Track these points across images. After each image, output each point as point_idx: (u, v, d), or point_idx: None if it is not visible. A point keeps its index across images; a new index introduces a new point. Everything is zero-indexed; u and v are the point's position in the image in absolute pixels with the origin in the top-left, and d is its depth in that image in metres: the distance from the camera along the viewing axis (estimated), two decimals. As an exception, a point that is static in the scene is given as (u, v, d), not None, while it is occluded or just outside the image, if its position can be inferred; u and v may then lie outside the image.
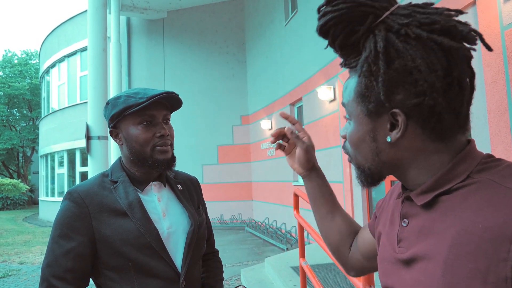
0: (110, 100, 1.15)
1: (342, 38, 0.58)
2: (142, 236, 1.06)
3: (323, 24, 0.59)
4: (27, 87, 22.52)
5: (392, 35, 0.54)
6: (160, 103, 1.13)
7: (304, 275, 3.04)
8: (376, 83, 0.55)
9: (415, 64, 0.52)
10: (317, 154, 4.75)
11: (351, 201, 5.45)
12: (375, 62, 0.54)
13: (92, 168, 4.30)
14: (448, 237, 0.51)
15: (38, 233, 10.52)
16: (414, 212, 0.59)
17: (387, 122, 0.57)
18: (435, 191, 0.55)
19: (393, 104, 0.55)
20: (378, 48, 0.53)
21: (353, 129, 0.62)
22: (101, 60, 4.48)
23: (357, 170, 0.65)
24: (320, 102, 6.50)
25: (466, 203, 0.51)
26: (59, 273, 1.02)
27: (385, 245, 0.66)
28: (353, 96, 0.60)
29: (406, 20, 0.53)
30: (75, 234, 1.04)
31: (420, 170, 0.58)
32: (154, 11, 11.06)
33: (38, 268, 6.39)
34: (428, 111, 0.53)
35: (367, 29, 0.55)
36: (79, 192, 1.08)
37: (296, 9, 7.71)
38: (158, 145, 1.12)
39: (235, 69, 11.44)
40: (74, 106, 13.10)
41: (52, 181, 14.69)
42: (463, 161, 0.55)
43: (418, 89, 0.52)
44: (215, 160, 11.08)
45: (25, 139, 22.62)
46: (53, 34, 14.60)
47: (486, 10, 3.09)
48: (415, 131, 0.55)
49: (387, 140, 0.57)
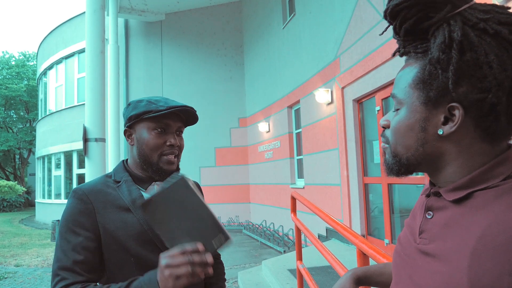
0: (133, 101, 1.21)
1: (413, 22, 0.57)
2: (145, 232, 1.08)
3: (398, 3, 0.58)
4: (24, 88, 22.45)
5: (468, 28, 0.53)
6: (178, 115, 1.19)
7: (301, 277, 3.04)
8: (442, 72, 0.54)
9: (488, 59, 0.52)
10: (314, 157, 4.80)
11: (348, 204, 5.46)
12: (446, 51, 0.53)
13: (90, 170, 4.29)
14: (478, 229, 0.51)
15: (35, 236, 10.46)
16: (440, 205, 0.59)
17: (442, 114, 0.56)
18: (468, 189, 0.55)
19: (454, 97, 0.54)
20: (455, 36, 0.53)
21: (403, 116, 0.60)
22: (99, 62, 4.47)
23: (392, 159, 0.63)
24: (317, 105, 6.51)
25: (500, 200, 0.51)
26: (67, 265, 1.03)
27: (405, 236, 0.66)
28: (410, 83, 0.59)
29: (485, 16, 0.53)
30: (81, 229, 1.06)
31: (459, 168, 0.57)
32: (152, 14, 11.06)
33: (35, 271, 6.36)
34: (488, 109, 0.53)
35: (442, 17, 0.55)
36: (83, 189, 1.12)
37: (294, 12, 7.74)
38: (165, 153, 1.16)
39: (233, 72, 11.46)
40: (71, 108, 13.07)
41: (49, 183, 14.63)
42: (502, 164, 0.54)
43: (484, 85, 0.52)
44: (212, 162, 11.07)
45: (22, 140, 22.52)
46: (50, 36, 14.58)
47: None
48: (467, 128, 0.55)
49: (438, 132, 0.57)
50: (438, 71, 0.55)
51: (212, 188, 10.80)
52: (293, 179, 8.04)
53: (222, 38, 11.53)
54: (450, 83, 0.53)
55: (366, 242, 1.67)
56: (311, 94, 6.75)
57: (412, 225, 0.65)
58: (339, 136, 5.74)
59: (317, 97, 6.18)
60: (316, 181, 6.66)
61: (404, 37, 0.60)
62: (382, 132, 0.67)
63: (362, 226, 5.25)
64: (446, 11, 0.54)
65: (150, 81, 11.14)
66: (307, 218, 5.45)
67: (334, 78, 5.91)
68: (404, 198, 4.63)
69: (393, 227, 4.70)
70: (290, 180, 8.03)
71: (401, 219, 4.60)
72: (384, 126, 0.66)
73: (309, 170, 6.95)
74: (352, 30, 5.41)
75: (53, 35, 14.37)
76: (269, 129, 9.29)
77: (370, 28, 4.93)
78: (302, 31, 7.33)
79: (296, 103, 7.82)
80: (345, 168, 5.56)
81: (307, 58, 7.05)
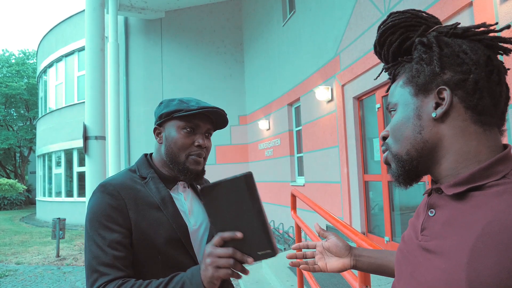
0: (165, 100, 1.22)
1: (398, 44, 0.69)
2: (173, 231, 1.09)
3: (382, 33, 0.70)
4: (25, 86, 22.44)
5: (442, 36, 0.64)
6: (208, 117, 1.20)
7: (301, 275, 3.05)
8: (427, 65, 0.62)
9: (461, 48, 0.61)
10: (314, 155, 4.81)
11: (349, 201, 5.46)
12: (427, 51, 0.63)
13: (90, 168, 4.30)
14: (478, 227, 0.52)
15: (35, 233, 10.49)
16: (442, 203, 0.61)
17: (433, 100, 0.62)
18: (469, 185, 0.57)
19: (440, 82, 0.61)
20: (432, 39, 0.63)
21: (399, 113, 0.67)
22: (98, 60, 4.47)
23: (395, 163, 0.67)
24: (317, 103, 6.51)
25: (500, 198, 0.52)
26: (107, 261, 1.00)
27: (409, 234, 0.68)
28: (400, 84, 0.68)
29: (453, 26, 0.65)
30: (116, 225, 1.04)
31: (458, 156, 0.60)
32: (152, 11, 11.04)
33: (35, 269, 6.37)
34: (472, 87, 0.59)
35: (420, 34, 0.66)
36: (113, 185, 1.09)
37: (294, 10, 7.72)
38: (193, 154, 1.16)
39: (233, 69, 11.45)
40: (71, 106, 13.06)
41: (50, 181, 14.65)
42: (502, 162, 0.57)
43: (463, 68, 0.60)
44: (213, 160, 11.08)
45: (22, 139, 22.54)
46: (50, 34, 14.56)
47: (482, 11, 3.10)
48: (458, 109, 0.60)
49: (432, 116, 0.62)
50: (424, 66, 0.63)
51: (213, 186, 10.80)
52: (293, 177, 8.05)
53: (222, 36, 11.51)
54: (436, 68, 0.61)
55: (366, 239, 1.67)
56: (311, 92, 6.75)
57: (415, 223, 0.67)
58: (339, 133, 5.74)
59: (317, 94, 6.18)
60: (316, 179, 6.67)
61: (393, 61, 0.71)
62: (383, 143, 0.71)
63: (362, 223, 5.26)
64: (422, 29, 0.67)
65: (150, 79, 11.13)
66: (307, 216, 5.45)
67: (334, 76, 5.91)
68: (405, 196, 4.63)
69: (393, 225, 4.70)
70: (290, 178, 8.03)
71: (401, 217, 4.61)
72: (384, 136, 0.70)
73: (309, 168, 6.95)
74: (352, 28, 5.39)
75: (53, 33, 14.35)
76: (269, 127, 9.29)
77: (370, 26, 4.92)
78: (302, 28, 7.32)
79: (296, 101, 7.82)
80: (345, 166, 5.56)
81: (307, 55, 7.04)
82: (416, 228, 0.65)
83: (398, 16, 0.69)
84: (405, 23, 0.68)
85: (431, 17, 0.68)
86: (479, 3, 3.14)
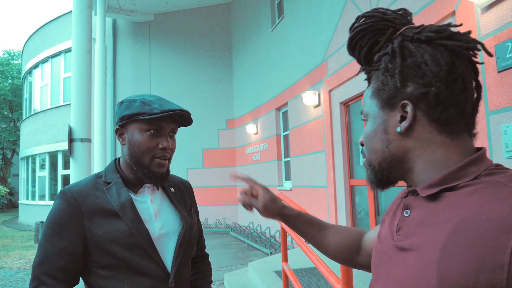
0: (126, 100, 1.17)
1: (367, 49, 0.69)
2: (133, 236, 1.08)
3: (352, 37, 0.71)
4: (9, 87, 22.01)
5: (407, 41, 0.64)
6: (172, 117, 1.16)
7: (286, 279, 3.05)
8: (391, 77, 0.63)
9: (423, 59, 0.61)
10: (302, 159, 4.85)
11: (335, 206, 5.50)
12: (392, 61, 0.63)
13: (75, 171, 4.24)
14: (450, 226, 0.53)
15: (17, 237, 10.27)
16: (417, 203, 0.62)
17: (398, 114, 0.63)
18: (442, 186, 0.58)
19: (404, 96, 0.62)
20: (396, 48, 0.63)
21: (369, 125, 0.69)
22: (85, 62, 4.43)
23: (370, 171, 0.70)
24: (305, 107, 6.56)
25: (471, 197, 0.54)
26: (51, 271, 1.02)
27: (385, 234, 0.69)
28: (370, 95, 0.69)
29: (418, 30, 0.65)
30: (67, 233, 1.05)
31: (427, 164, 0.61)
32: (141, 14, 10.99)
33: (17, 273, 6.24)
34: (434, 100, 0.60)
35: (387, 39, 0.67)
36: (72, 192, 1.09)
37: (283, 15, 7.78)
38: (157, 156, 1.14)
39: (221, 73, 11.45)
40: (57, 108, 12.88)
41: (33, 184, 14.37)
42: (474, 164, 0.58)
43: (425, 81, 0.60)
44: (200, 164, 11.04)
45: (6, 140, 22.06)
46: (36, 34, 14.36)
47: (464, 21, 3.19)
48: (423, 122, 0.61)
49: (397, 130, 0.63)
50: (388, 78, 0.64)
51: (200, 189, 10.76)
52: (281, 181, 8.07)
53: (211, 40, 11.52)
54: (397, 83, 0.62)
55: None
56: (298, 97, 6.80)
57: (391, 223, 0.68)
58: (326, 138, 5.79)
59: (305, 99, 6.22)
60: (303, 183, 6.70)
61: (366, 64, 0.71)
62: (362, 149, 0.73)
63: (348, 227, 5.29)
64: (389, 33, 0.67)
65: (138, 81, 11.05)
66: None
67: (322, 81, 5.97)
68: (390, 200, 4.69)
69: (378, 229, 4.75)
70: (277, 182, 8.05)
71: (386, 221, 4.66)
72: (361, 143, 0.73)
73: (297, 172, 6.98)
74: (339, 34, 5.47)
75: (39, 34, 14.15)
76: (257, 131, 9.31)
77: (357, 32, 4.98)
78: (290, 34, 7.38)
79: (284, 105, 7.86)
80: (331, 170, 5.61)
81: (295, 60, 7.09)
82: (392, 228, 0.67)
83: (365, 20, 0.69)
84: (373, 27, 0.68)
85: (399, 17, 0.68)
86: (462, 12, 3.23)
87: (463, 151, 0.61)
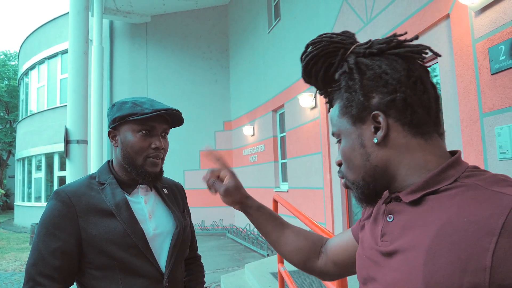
0: (117, 103, 1.19)
1: (323, 72, 0.71)
2: (128, 236, 1.08)
3: (306, 65, 0.72)
4: (5, 88, 21.94)
5: (360, 57, 0.66)
6: (163, 117, 1.18)
7: (282, 280, 3.06)
8: (355, 93, 0.65)
9: (382, 69, 0.63)
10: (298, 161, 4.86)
11: (331, 207, 5.52)
12: (352, 78, 0.65)
13: (71, 173, 4.23)
14: (433, 229, 0.54)
15: (13, 239, 10.21)
16: (400, 209, 0.63)
17: (371, 126, 0.64)
18: (424, 190, 0.59)
19: (372, 107, 0.63)
20: (352, 65, 0.65)
21: (344, 143, 0.69)
22: (82, 63, 4.43)
23: (355, 189, 0.69)
24: (301, 109, 6.58)
25: (453, 200, 0.55)
26: (46, 271, 1.02)
27: (367, 240, 0.70)
28: (338, 114, 0.70)
29: (368, 45, 0.68)
30: (62, 233, 1.05)
31: (408, 170, 0.63)
32: (138, 15, 10.99)
33: (12, 275, 6.21)
34: (402, 105, 0.62)
35: (340, 59, 0.69)
36: (66, 192, 1.09)
37: (280, 17, 7.81)
38: (151, 156, 1.15)
39: (218, 75, 11.46)
40: (53, 109, 12.84)
41: (29, 186, 14.31)
42: (452, 167, 0.59)
43: (389, 89, 0.62)
44: (197, 165, 11.03)
45: (1, 142, 21.97)
46: (33, 36, 14.32)
47: (458, 24, 3.22)
48: (396, 128, 0.63)
49: (374, 141, 0.64)
50: (353, 94, 0.66)
51: (197, 191, 10.74)
52: (277, 183, 8.08)
53: (208, 41, 11.53)
54: (361, 97, 0.64)
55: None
56: (295, 98, 6.82)
57: (374, 229, 0.69)
58: (323, 140, 5.81)
59: (301, 101, 6.25)
60: (299, 185, 6.71)
61: (324, 87, 0.73)
62: (339, 169, 0.73)
63: (344, 229, 5.31)
64: (341, 53, 0.69)
65: (135, 83, 11.04)
66: (290, 222, 5.48)
67: (318, 83, 5.98)
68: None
69: (374, 230, 4.77)
70: (274, 184, 8.06)
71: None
72: (338, 164, 0.73)
73: (293, 174, 7.00)
74: (335, 36, 5.49)
75: (36, 35, 14.11)
76: (254, 133, 9.32)
77: (353, 35, 5.01)
78: (287, 35, 7.40)
79: (280, 107, 7.88)
80: (328, 172, 5.62)
81: (292, 62, 7.12)
82: (375, 234, 0.67)
83: (315, 46, 0.71)
84: (324, 51, 0.70)
85: (346, 38, 0.71)
86: (456, 15, 3.26)
87: (438, 153, 0.63)
